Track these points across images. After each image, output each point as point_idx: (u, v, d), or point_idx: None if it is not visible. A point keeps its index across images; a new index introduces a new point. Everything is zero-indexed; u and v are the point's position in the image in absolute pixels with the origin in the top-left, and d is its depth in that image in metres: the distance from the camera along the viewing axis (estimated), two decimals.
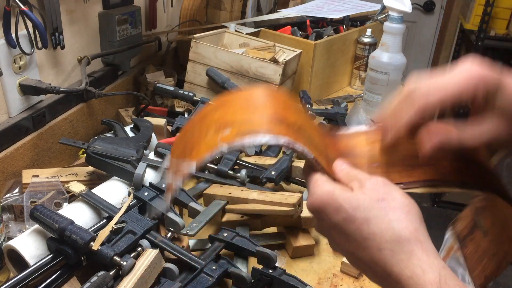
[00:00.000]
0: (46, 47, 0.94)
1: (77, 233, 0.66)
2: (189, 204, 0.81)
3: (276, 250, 0.83)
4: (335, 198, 0.42)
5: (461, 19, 3.41)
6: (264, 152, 1.12)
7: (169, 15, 1.58)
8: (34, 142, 0.95)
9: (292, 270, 0.81)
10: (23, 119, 0.93)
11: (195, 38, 1.26)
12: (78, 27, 1.11)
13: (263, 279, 0.71)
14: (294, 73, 1.40)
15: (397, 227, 0.39)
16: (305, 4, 1.93)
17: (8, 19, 0.86)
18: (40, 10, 0.94)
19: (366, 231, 0.40)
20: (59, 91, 0.96)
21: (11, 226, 0.82)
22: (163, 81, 1.32)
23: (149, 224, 0.73)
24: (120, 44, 1.23)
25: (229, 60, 1.24)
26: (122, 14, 1.20)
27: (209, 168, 0.94)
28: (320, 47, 1.44)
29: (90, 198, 0.77)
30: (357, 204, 0.41)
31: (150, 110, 1.24)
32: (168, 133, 1.14)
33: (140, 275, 0.64)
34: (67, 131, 1.06)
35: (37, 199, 0.82)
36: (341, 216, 0.41)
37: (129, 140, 0.93)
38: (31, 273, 0.64)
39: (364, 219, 0.40)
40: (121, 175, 0.85)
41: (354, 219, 0.41)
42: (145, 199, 0.80)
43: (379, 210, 0.40)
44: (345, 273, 0.82)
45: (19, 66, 0.92)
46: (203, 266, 0.70)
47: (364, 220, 0.40)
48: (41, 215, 0.68)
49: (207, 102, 1.17)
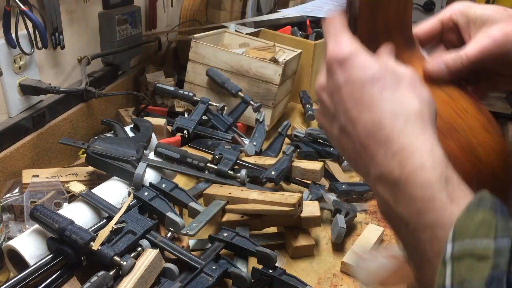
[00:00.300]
0: (46, 47, 0.94)
1: (77, 233, 0.66)
2: (189, 204, 0.81)
3: (276, 250, 0.83)
4: (362, 55, 0.38)
5: None
6: (264, 152, 1.12)
7: (169, 15, 1.58)
8: (34, 142, 0.95)
9: (292, 270, 0.81)
10: (23, 119, 0.93)
11: (195, 38, 1.26)
12: (78, 27, 1.11)
13: (263, 279, 0.71)
14: (294, 73, 1.40)
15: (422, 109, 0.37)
16: (305, 4, 1.92)
17: (8, 19, 0.86)
18: (40, 10, 0.94)
19: (388, 95, 0.36)
20: (59, 91, 0.96)
21: (11, 226, 0.82)
22: (163, 81, 1.32)
23: (149, 224, 0.73)
24: (120, 44, 1.23)
25: (229, 60, 1.24)
26: (122, 14, 1.20)
27: (209, 168, 0.94)
28: (320, 47, 1.44)
29: (90, 198, 0.77)
30: (385, 70, 0.38)
31: (150, 110, 1.24)
32: (168, 133, 1.15)
33: (140, 275, 0.64)
34: (67, 131, 1.06)
35: (37, 199, 0.82)
36: (366, 73, 0.37)
37: (129, 140, 0.93)
38: (31, 273, 0.64)
39: (390, 85, 0.37)
40: (121, 175, 0.85)
41: (378, 80, 0.37)
42: (145, 199, 0.80)
43: (408, 86, 0.37)
44: (345, 273, 0.82)
45: (19, 66, 0.92)
46: (203, 266, 0.70)
47: (390, 85, 0.37)
48: (41, 215, 0.68)
49: (207, 102, 1.17)
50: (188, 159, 0.93)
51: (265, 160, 1.03)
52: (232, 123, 1.18)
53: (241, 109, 1.20)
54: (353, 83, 0.37)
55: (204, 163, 0.94)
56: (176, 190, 0.85)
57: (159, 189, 0.83)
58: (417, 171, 0.34)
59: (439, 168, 0.34)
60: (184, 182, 1.02)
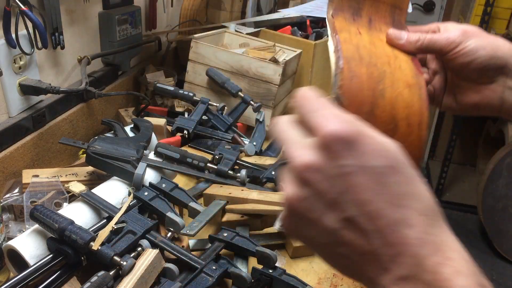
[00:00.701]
0: (46, 47, 0.94)
1: (77, 233, 0.66)
2: (189, 204, 0.81)
3: (276, 250, 0.83)
4: (373, 136, 0.33)
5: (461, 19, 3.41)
6: (264, 152, 1.12)
7: (169, 15, 1.58)
8: (34, 142, 0.95)
9: (292, 270, 0.81)
10: (23, 119, 0.93)
11: (195, 38, 1.26)
12: (78, 27, 1.11)
13: (263, 279, 0.71)
14: (294, 73, 1.40)
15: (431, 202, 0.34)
16: (305, 4, 1.93)
17: (8, 19, 0.86)
18: (40, 10, 0.95)
19: (411, 189, 0.33)
20: (59, 91, 0.96)
21: (11, 226, 0.82)
22: (163, 81, 1.33)
23: (149, 224, 0.73)
24: (120, 44, 1.23)
25: (229, 60, 1.24)
26: (122, 14, 1.20)
27: (209, 168, 0.94)
28: (320, 47, 1.44)
29: (90, 198, 0.77)
30: (397, 156, 0.33)
31: (150, 110, 1.24)
32: (168, 133, 1.15)
33: (140, 275, 0.64)
34: (67, 131, 1.06)
35: (37, 199, 0.82)
36: (384, 162, 0.32)
37: (129, 140, 0.93)
38: (31, 273, 0.64)
39: (409, 175, 0.33)
40: (121, 175, 0.85)
41: (397, 171, 0.32)
42: (145, 199, 0.80)
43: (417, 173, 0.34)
44: None
45: (19, 66, 0.92)
46: (203, 266, 0.70)
47: (409, 176, 0.33)
48: (41, 215, 0.68)
49: (207, 102, 1.17)
50: (188, 159, 0.93)
51: (265, 160, 1.03)
52: (232, 123, 1.18)
53: (241, 109, 1.20)
54: (371, 172, 0.32)
55: (204, 163, 0.94)
56: (176, 190, 0.85)
57: (159, 189, 0.83)
58: (454, 276, 0.31)
59: (475, 276, 0.32)
60: (184, 182, 1.02)
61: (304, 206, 0.34)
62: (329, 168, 0.32)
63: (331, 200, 0.33)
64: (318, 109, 0.34)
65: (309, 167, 0.33)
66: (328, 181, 0.32)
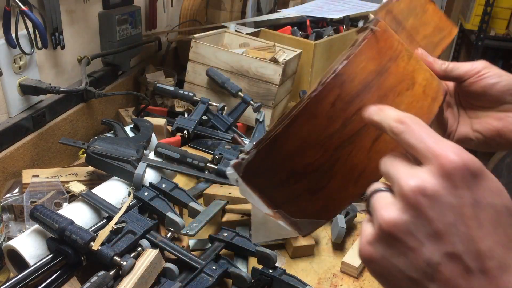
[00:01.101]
0: (46, 47, 0.94)
1: (77, 233, 0.66)
2: (189, 204, 0.81)
3: (276, 250, 0.83)
4: (491, 174, 0.31)
5: (461, 19, 3.41)
6: None
7: (169, 15, 1.58)
8: (34, 142, 0.95)
9: (292, 270, 0.81)
10: (23, 119, 0.93)
11: (195, 38, 1.26)
12: (78, 27, 1.11)
13: (263, 279, 0.71)
14: (294, 73, 1.40)
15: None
16: (305, 4, 1.93)
17: (8, 19, 0.86)
18: (40, 10, 0.95)
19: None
20: (59, 91, 0.96)
21: (11, 226, 0.82)
22: (163, 81, 1.33)
23: (149, 224, 0.73)
24: (120, 44, 1.23)
25: (229, 60, 1.24)
26: (122, 14, 1.20)
27: (209, 168, 0.94)
28: (320, 47, 1.44)
29: (90, 198, 0.77)
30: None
31: (150, 110, 1.24)
32: (168, 133, 1.15)
33: (140, 275, 0.64)
34: (67, 131, 1.06)
35: (37, 199, 0.82)
36: (503, 199, 0.30)
37: (129, 140, 0.93)
38: (31, 273, 0.64)
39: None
40: (121, 175, 0.85)
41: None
42: (145, 199, 0.80)
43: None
44: (345, 273, 0.82)
45: (19, 66, 0.92)
46: (203, 266, 0.70)
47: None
48: (41, 215, 0.68)
49: (207, 102, 1.17)
50: (188, 159, 0.93)
51: None
52: (232, 123, 1.18)
53: (241, 109, 1.20)
54: (490, 209, 0.30)
55: (204, 163, 0.94)
56: (176, 190, 0.85)
57: (159, 189, 0.83)
58: None
59: None
60: (184, 182, 1.02)
61: (404, 231, 0.30)
62: (445, 196, 0.30)
63: (437, 229, 0.30)
64: (432, 137, 0.31)
65: (422, 191, 0.30)
66: (440, 209, 0.30)
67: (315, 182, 0.40)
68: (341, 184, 0.40)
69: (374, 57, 0.39)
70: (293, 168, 0.40)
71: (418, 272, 0.31)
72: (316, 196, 0.41)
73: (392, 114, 0.34)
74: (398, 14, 0.49)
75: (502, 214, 0.30)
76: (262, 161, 0.41)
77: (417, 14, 0.51)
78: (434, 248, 0.30)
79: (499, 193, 0.30)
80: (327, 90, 0.38)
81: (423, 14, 0.51)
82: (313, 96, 0.38)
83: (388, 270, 0.32)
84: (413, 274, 0.31)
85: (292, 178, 0.41)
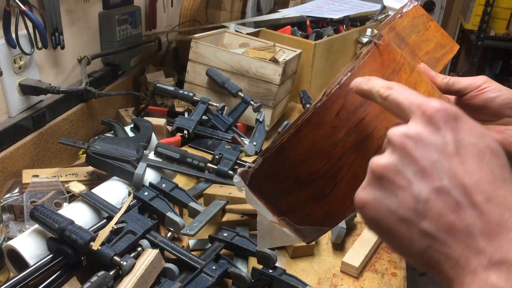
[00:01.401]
0: (46, 47, 0.94)
1: (77, 233, 0.66)
2: (189, 204, 0.81)
3: (276, 250, 0.83)
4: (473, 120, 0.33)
5: (461, 19, 3.41)
6: None
7: (169, 15, 1.58)
8: (34, 142, 0.95)
9: (292, 270, 0.81)
10: (23, 119, 0.93)
11: (195, 38, 1.26)
12: (78, 27, 1.11)
13: (263, 279, 0.71)
14: (294, 73, 1.40)
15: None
16: (305, 4, 1.93)
17: (8, 19, 0.86)
18: (40, 10, 0.95)
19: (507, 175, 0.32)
20: (59, 91, 0.96)
21: (11, 226, 0.82)
22: (163, 81, 1.33)
23: (149, 224, 0.73)
24: (120, 44, 1.23)
25: (229, 60, 1.24)
26: (122, 14, 1.20)
27: (209, 168, 0.94)
28: (320, 47, 1.44)
29: (90, 198, 0.77)
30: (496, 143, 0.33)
31: (150, 110, 1.24)
32: (168, 133, 1.15)
33: (140, 275, 0.64)
34: (67, 131, 1.06)
35: (37, 199, 0.82)
36: (485, 141, 0.32)
37: (129, 140, 0.93)
38: (31, 273, 0.64)
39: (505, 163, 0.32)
40: (121, 175, 0.85)
41: (497, 154, 0.32)
42: (145, 199, 0.80)
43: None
44: (345, 273, 0.82)
45: (19, 66, 0.92)
46: (203, 266, 0.70)
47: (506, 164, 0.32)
48: (41, 215, 0.68)
49: (207, 102, 1.17)
50: (188, 159, 0.93)
51: None
52: (232, 123, 1.18)
53: (241, 109, 1.20)
54: (472, 148, 0.32)
55: (204, 163, 0.94)
56: (176, 190, 0.85)
57: (159, 189, 0.83)
58: None
59: None
60: (184, 182, 1.02)
61: (393, 171, 0.32)
62: (428, 137, 0.32)
63: (423, 167, 0.31)
64: (417, 94, 0.34)
65: (406, 134, 0.32)
66: (424, 148, 0.32)
67: (320, 190, 0.41)
68: (345, 192, 0.41)
69: (378, 70, 0.41)
70: (298, 176, 0.41)
71: (409, 211, 0.32)
72: (320, 204, 0.42)
73: (380, 82, 0.37)
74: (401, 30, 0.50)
75: (485, 154, 0.31)
76: (268, 169, 0.42)
77: (420, 31, 0.52)
78: (421, 184, 0.31)
79: (481, 135, 0.32)
80: (331, 101, 0.39)
81: (426, 31, 0.53)
82: (318, 106, 0.39)
83: (380, 213, 0.33)
84: (404, 213, 0.32)
85: (297, 186, 0.42)
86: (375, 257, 0.86)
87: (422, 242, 0.32)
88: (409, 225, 0.32)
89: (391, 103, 0.35)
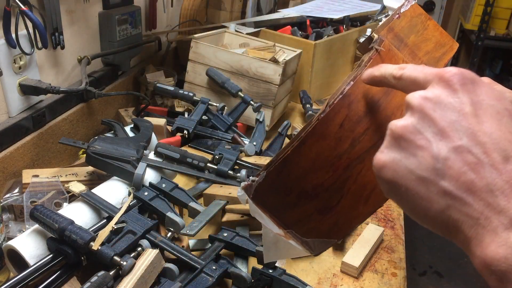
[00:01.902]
0: (46, 47, 0.94)
1: (77, 233, 0.66)
2: (189, 204, 0.81)
3: None
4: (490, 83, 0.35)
5: (461, 19, 3.41)
6: (264, 152, 1.12)
7: (169, 15, 1.58)
8: (34, 142, 0.95)
9: (292, 270, 0.81)
10: (23, 119, 0.93)
11: (195, 38, 1.26)
12: (78, 27, 1.11)
13: (263, 279, 0.71)
14: (294, 73, 1.40)
15: None
16: (305, 4, 1.93)
17: (8, 19, 0.86)
18: (40, 10, 0.95)
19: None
20: (59, 91, 0.96)
21: (11, 226, 0.82)
22: (163, 81, 1.33)
23: (149, 224, 0.73)
24: (120, 44, 1.23)
25: (229, 60, 1.24)
26: (122, 14, 1.20)
27: (209, 168, 0.94)
28: (320, 47, 1.44)
29: (90, 198, 0.77)
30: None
31: (150, 110, 1.24)
32: (168, 133, 1.15)
33: (140, 275, 0.64)
34: (67, 131, 1.06)
35: (37, 199, 0.82)
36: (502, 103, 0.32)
37: (129, 140, 0.93)
38: (31, 273, 0.64)
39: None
40: (121, 175, 0.85)
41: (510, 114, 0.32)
42: (145, 199, 0.80)
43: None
44: (345, 273, 0.82)
45: (19, 66, 0.92)
46: (203, 266, 0.70)
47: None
48: (41, 215, 0.68)
49: (207, 102, 1.17)
50: (188, 159, 0.93)
51: (265, 160, 1.03)
52: (232, 123, 1.18)
53: (241, 109, 1.20)
54: (489, 108, 0.32)
55: (204, 163, 0.94)
56: (176, 190, 0.85)
57: (159, 189, 0.83)
58: None
59: None
60: (184, 182, 1.02)
61: (412, 132, 0.32)
62: (446, 98, 0.32)
63: (442, 127, 0.32)
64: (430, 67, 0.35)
65: (424, 97, 0.33)
66: (443, 109, 0.32)
67: (326, 202, 0.41)
68: (352, 203, 0.40)
69: None
70: (303, 189, 0.41)
71: (429, 170, 0.31)
72: (326, 216, 0.41)
73: (391, 66, 0.37)
74: (399, 31, 0.50)
75: (503, 115, 0.31)
76: (272, 183, 0.41)
77: (418, 31, 0.52)
78: (441, 144, 0.31)
79: (499, 97, 0.32)
80: (335, 111, 0.38)
81: (424, 30, 0.52)
82: (321, 117, 0.38)
83: (399, 173, 0.33)
84: (424, 173, 0.32)
85: (302, 199, 0.41)
86: (375, 257, 0.86)
87: (441, 202, 0.31)
88: (428, 184, 0.31)
89: (406, 80, 0.36)
